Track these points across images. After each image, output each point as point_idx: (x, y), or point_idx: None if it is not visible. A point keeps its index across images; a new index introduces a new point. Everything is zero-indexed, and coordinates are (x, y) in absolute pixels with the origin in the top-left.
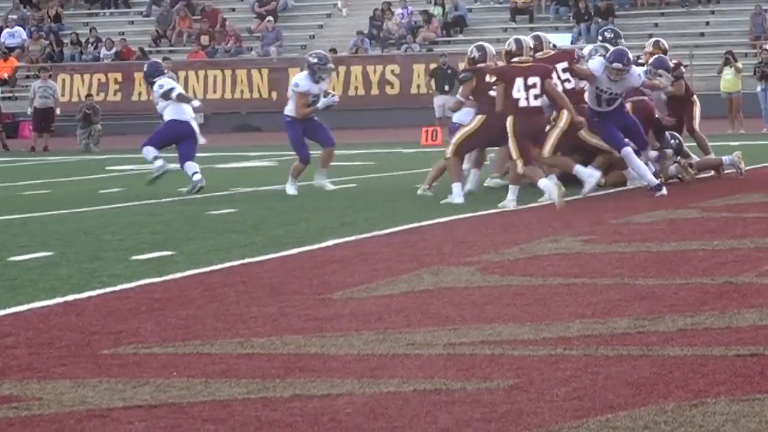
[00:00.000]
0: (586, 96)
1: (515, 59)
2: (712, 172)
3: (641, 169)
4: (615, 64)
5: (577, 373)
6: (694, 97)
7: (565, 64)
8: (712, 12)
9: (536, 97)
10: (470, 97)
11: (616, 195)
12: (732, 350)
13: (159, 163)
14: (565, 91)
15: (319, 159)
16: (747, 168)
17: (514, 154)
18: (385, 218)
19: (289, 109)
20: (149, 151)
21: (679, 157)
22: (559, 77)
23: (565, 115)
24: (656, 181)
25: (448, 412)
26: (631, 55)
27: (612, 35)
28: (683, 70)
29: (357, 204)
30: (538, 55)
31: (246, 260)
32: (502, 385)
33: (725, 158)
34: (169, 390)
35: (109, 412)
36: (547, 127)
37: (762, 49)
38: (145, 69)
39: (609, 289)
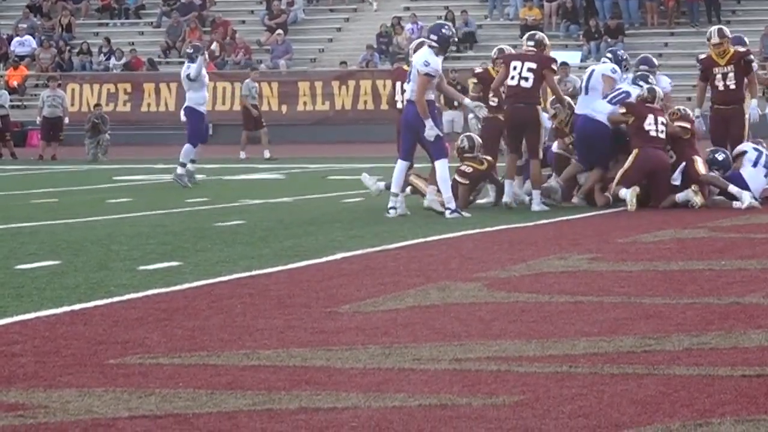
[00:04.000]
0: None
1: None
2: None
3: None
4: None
5: (582, 391)
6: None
7: None
8: None
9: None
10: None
11: (623, 214)
12: (738, 370)
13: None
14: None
15: None
16: None
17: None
18: (393, 232)
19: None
20: None
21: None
22: None
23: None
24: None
25: (453, 428)
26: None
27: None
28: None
29: (365, 218)
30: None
31: (253, 272)
32: (508, 401)
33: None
34: (174, 401)
35: (114, 422)
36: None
37: None
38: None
39: (615, 308)
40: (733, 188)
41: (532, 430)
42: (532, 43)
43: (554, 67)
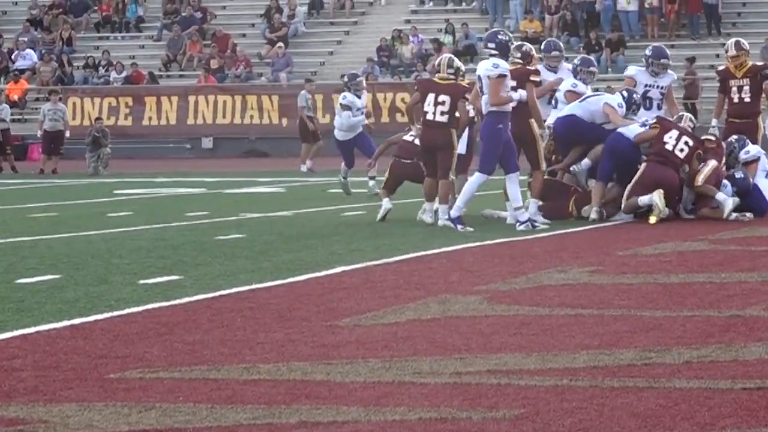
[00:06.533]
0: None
1: (437, 75)
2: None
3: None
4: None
5: (583, 404)
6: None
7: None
8: (723, 44)
9: (442, 113)
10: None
11: (623, 227)
12: (738, 383)
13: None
14: None
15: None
16: None
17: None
18: (394, 246)
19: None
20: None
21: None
22: None
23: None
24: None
25: None
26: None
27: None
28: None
29: (365, 231)
30: None
31: (253, 286)
32: (508, 415)
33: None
34: (174, 415)
35: None
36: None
37: None
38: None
39: (616, 321)
40: (720, 195)
41: None
42: (519, 54)
43: (534, 78)
